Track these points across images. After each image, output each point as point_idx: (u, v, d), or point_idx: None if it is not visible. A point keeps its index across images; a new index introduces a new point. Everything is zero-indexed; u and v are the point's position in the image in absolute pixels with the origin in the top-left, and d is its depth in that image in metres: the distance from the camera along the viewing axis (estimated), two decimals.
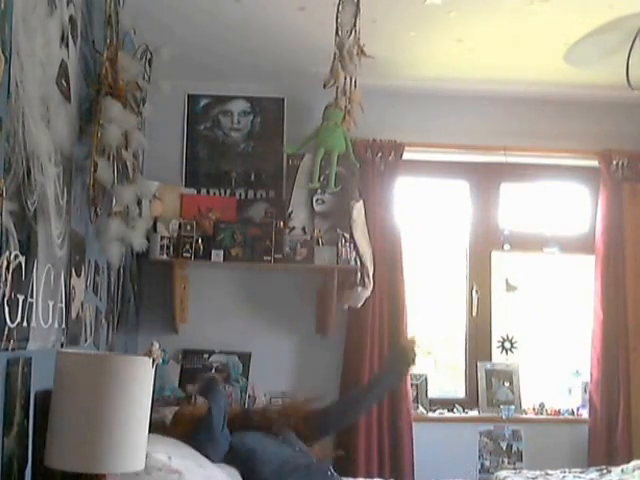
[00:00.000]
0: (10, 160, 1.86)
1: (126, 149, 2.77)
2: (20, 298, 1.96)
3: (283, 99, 4.30)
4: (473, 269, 4.46)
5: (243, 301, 4.18)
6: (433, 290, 4.53)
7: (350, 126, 3.64)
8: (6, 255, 1.84)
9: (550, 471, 3.69)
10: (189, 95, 4.27)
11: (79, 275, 2.65)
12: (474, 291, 4.40)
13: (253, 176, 4.26)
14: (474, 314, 4.40)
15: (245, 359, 4.10)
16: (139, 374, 2.02)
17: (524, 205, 4.51)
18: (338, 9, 3.18)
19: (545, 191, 4.53)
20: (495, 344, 4.39)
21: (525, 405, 4.34)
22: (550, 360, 4.49)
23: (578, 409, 4.33)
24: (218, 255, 3.86)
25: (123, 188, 2.79)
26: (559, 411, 4.32)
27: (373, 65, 3.47)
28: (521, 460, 4.18)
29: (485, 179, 4.46)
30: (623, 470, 3.61)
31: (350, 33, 3.21)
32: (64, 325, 2.45)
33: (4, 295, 1.83)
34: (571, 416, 4.31)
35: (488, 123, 4.32)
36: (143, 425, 2.04)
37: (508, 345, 4.36)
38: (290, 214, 4.08)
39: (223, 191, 4.23)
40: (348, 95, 3.49)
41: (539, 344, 4.49)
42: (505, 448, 4.20)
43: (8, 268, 1.85)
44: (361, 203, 3.98)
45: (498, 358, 4.39)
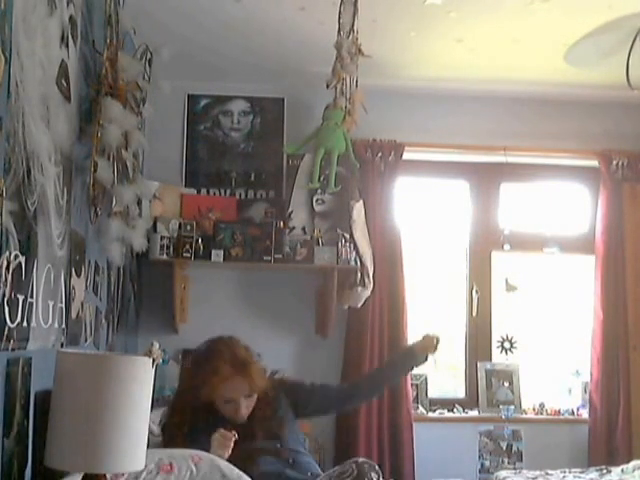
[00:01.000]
0: (10, 160, 1.86)
1: (126, 149, 2.77)
2: (20, 298, 1.96)
3: (283, 99, 4.30)
4: (473, 269, 4.45)
5: (243, 301, 4.18)
6: (433, 290, 4.52)
7: (351, 126, 3.63)
8: (6, 255, 1.84)
9: (550, 471, 3.68)
10: (189, 95, 4.27)
11: (79, 275, 2.65)
12: (474, 291, 4.40)
13: (253, 176, 4.26)
14: (474, 314, 4.40)
15: None
16: (139, 374, 2.01)
17: (524, 205, 4.51)
18: (340, 9, 3.19)
19: (545, 191, 4.53)
20: (495, 344, 4.38)
21: (525, 405, 4.33)
22: (550, 360, 4.48)
23: (578, 409, 4.33)
24: (218, 255, 3.85)
25: (123, 188, 2.79)
26: (559, 411, 4.31)
27: (373, 65, 3.47)
28: (521, 460, 4.17)
29: (485, 179, 4.46)
30: (623, 470, 3.61)
31: (349, 33, 3.21)
32: (64, 325, 2.45)
33: (4, 295, 1.83)
34: (571, 416, 4.30)
35: (488, 123, 4.32)
36: (143, 425, 2.03)
37: (508, 345, 4.35)
38: (290, 214, 4.07)
39: (223, 191, 4.23)
40: (349, 95, 3.49)
41: (539, 344, 4.49)
42: (505, 448, 4.19)
43: (8, 268, 1.85)
44: (361, 203, 3.98)
45: (498, 358, 4.38)
